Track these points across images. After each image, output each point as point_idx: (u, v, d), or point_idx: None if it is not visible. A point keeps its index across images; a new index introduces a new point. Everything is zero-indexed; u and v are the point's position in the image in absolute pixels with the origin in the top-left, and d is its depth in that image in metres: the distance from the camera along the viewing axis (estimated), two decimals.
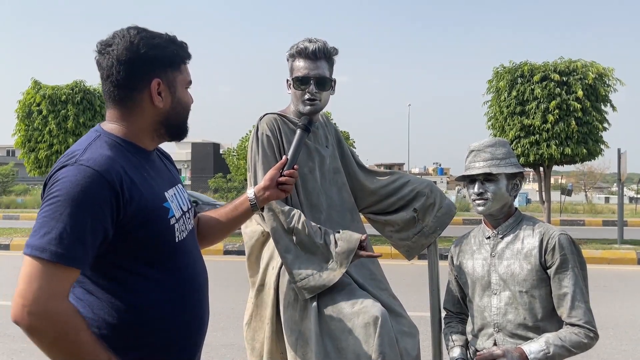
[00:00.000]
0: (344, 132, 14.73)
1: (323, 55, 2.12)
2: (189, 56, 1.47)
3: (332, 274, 2.00)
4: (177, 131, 1.49)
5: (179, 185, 1.55)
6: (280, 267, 2.11)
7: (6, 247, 11.31)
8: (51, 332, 1.19)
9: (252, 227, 2.23)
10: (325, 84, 2.13)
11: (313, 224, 2.06)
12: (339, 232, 2.05)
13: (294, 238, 2.04)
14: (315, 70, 2.10)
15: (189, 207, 1.55)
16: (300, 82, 2.11)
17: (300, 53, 2.11)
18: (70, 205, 1.21)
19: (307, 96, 2.11)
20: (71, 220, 1.20)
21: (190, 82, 1.49)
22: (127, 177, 1.31)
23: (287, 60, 2.18)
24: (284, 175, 1.80)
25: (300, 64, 2.11)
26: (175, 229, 1.41)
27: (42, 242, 1.19)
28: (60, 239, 1.19)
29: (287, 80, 2.19)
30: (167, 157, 1.64)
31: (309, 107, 2.13)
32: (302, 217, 2.05)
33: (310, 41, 2.12)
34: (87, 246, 1.23)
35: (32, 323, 1.18)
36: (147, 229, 1.33)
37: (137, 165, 1.39)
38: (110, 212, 1.26)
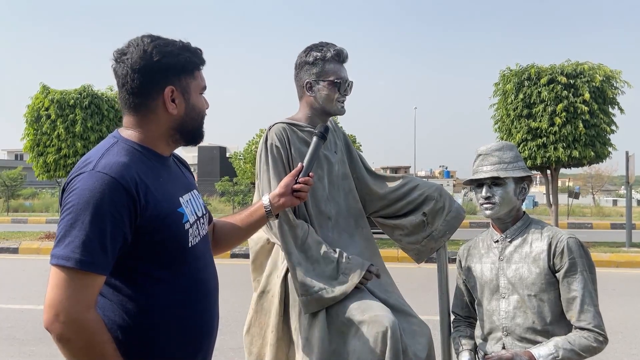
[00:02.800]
0: (351, 135, 14.74)
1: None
2: (202, 62, 1.49)
3: (344, 286, 2.01)
4: (192, 136, 1.51)
5: (194, 191, 1.57)
6: (285, 275, 2.12)
7: (15, 251, 11.37)
8: (79, 341, 1.23)
9: (258, 234, 2.23)
10: (351, 87, 2.25)
11: (325, 243, 2.09)
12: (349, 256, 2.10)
13: (306, 253, 2.05)
14: (346, 73, 2.22)
15: (204, 212, 1.57)
16: (341, 85, 2.18)
17: (338, 56, 2.18)
18: (89, 212, 1.24)
19: (342, 98, 2.21)
20: (92, 227, 1.23)
21: (204, 88, 1.51)
22: (143, 183, 1.33)
23: (314, 61, 2.17)
24: (299, 183, 1.83)
25: (336, 67, 2.18)
26: (189, 234, 1.43)
27: (66, 251, 1.22)
28: (83, 246, 1.22)
29: (308, 83, 2.19)
30: (183, 163, 1.66)
31: (342, 108, 2.22)
32: (314, 233, 2.08)
33: (335, 45, 2.19)
34: (108, 252, 1.26)
35: (62, 332, 1.21)
36: (162, 233, 1.35)
37: (153, 170, 1.41)
38: (129, 218, 1.29)
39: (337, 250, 2.09)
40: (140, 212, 1.31)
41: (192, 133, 1.50)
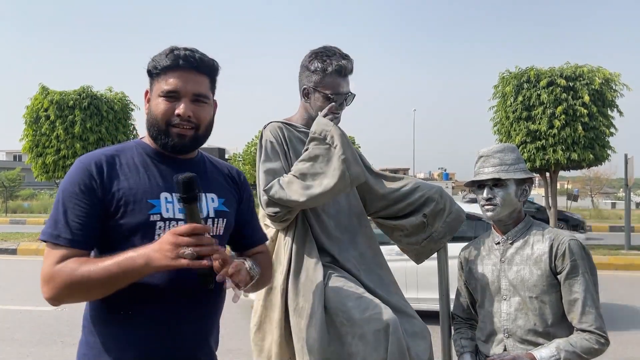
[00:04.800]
0: (350, 136, 14.76)
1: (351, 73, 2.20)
2: (170, 65, 1.44)
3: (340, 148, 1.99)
4: (161, 143, 1.47)
5: (212, 194, 1.54)
6: (288, 271, 2.12)
7: (13, 252, 11.36)
8: (60, 286, 1.32)
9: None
10: (351, 99, 2.22)
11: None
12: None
13: (303, 173, 2.02)
14: (347, 87, 2.18)
15: (211, 216, 1.52)
16: (336, 101, 2.14)
17: (339, 71, 2.13)
18: (61, 193, 1.40)
19: (336, 112, 2.15)
20: (61, 206, 1.37)
21: (165, 92, 1.44)
22: (111, 168, 1.42)
23: (314, 70, 2.15)
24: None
25: (335, 81, 2.14)
26: (157, 227, 1.40)
27: (45, 228, 1.38)
28: (54, 222, 1.37)
29: (305, 89, 2.18)
30: (228, 174, 1.66)
31: (334, 119, 2.14)
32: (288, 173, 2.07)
33: (344, 58, 2.14)
34: (73, 228, 1.36)
35: (44, 291, 1.35)
36: (125, 218, 1.39)
37: (143, 164, 1.47)
38: (89, 194, 1.37)
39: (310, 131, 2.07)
40: (101, 192, 1.38)
41: (158, 139, 1.47)
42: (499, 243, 2.03)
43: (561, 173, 11.93)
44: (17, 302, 6.61)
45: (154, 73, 1.46)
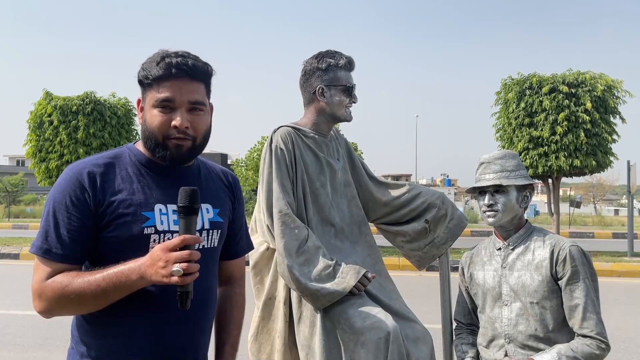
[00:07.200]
0: (353, 143, 14.78)
1: None
2: (160, 75, 1.37)
3: (340, 287, 2.00)
4: (160, 155, 1.41)
5: (208, 205, 1.49)
6: None
7: (16, 257, 11.38)
8: (51, 301, 1.31)
9: (257, 240, 2.22)
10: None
11: (323, 248, 2.09)
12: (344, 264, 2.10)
13: (303, 256, 2.04)
14: (353, 80, 2.28)
15: (206, 227, 1.48)
16: (350, 91, 2.24)
17: (350, 64, 2.26)
18: (50, 204, 1.35)
19: (350, 105, 2.27)
20: (52, 218, 1.34)
21: (159, 100, 1.38)
22: (104, 179, 1.37)
23: (327, 68, 2.21)
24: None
25: (347, 74, 2.25)
26: (152, 240, 1.36)
27: (35, 240, 1.34)
28: (45, 235, 1.33)
29: (321, 89, 2.22)
30: (226, 183, 1.60)
31: (350, 114, 2.28)
32: (314, 237, 2.08)
33: (343, 53, 2.26)
34: (64, 242, 1.32)
35: (35, 305, 1.33)
36: (118, 231, 1.34)
37: (137, 174, 1.41)
38: (81, 205, 1.33)
39: (334, 258, 2.09)
40: (93, 204, 1.34)
41: (155, 151, 1.41)
42: (500, 249, 2.03)
43: (564, 180, 11.91)
44: (20, 307, 6.61)
45: (145, 83, 1.39)
